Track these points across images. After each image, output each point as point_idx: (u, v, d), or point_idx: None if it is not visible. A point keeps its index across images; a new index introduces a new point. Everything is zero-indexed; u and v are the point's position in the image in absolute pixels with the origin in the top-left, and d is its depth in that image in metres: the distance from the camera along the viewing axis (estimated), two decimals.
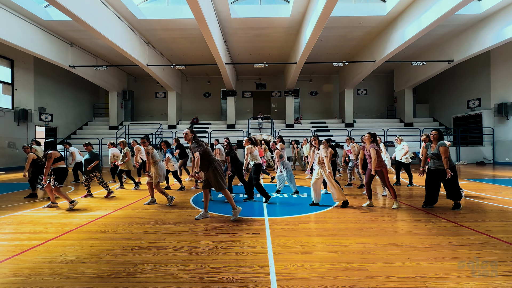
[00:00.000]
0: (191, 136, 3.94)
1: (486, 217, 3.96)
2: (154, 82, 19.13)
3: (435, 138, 4.34)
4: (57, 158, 4.71)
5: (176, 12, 11.18)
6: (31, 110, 14.15)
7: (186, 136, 3.95)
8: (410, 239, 3.07)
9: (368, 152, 4.54)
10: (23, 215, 4.29)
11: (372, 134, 4.54)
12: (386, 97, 20.24)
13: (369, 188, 4.66)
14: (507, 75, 13.28)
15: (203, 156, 3.79)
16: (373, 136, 4.53)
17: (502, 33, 10.44)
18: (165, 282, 2.15)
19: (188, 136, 3.94)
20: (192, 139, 3.92)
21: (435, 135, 4.34)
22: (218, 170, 3.89)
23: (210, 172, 3.86)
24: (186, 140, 3.96)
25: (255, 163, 5.16)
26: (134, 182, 6.82)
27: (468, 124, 15.41)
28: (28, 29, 10.91)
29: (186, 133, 3.95)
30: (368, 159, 4.58)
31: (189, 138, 3.94)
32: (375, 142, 4.52)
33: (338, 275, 2.23)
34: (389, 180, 4.52)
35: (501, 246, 2.83)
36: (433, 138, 4.37)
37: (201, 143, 3.91)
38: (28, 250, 2.83)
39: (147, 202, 5.02)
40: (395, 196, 4.49)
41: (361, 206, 4.66)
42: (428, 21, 9.37)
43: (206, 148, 3.87)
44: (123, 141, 6.73)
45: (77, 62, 13.83)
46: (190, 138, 3.94)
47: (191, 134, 3.95)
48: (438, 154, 4.25)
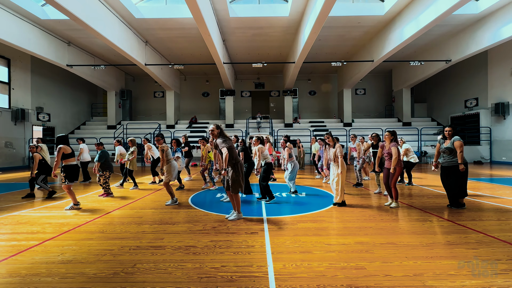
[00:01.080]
0: (217, 132, 3.83)
1: (483, 216, 3.99)
2: (153, 82, 19.08)
3: (450, 134, 4.38)
4: (68, 154, 4.63)
5: (175, 11, 11.14)
6: (28, 109, 14.06)
7: (212, 132, 3.82)
8: (408, 238, 3.09)
9: (387, 150, 4.52)
10: (20, 215, 4.27)
11: (392, 132, 4.55)
12: (384, 97, 20.31)
13: (389, 187, 4.61)
14: (504, 75, 13.36)
15: (229, 153, 3.70)
16: (393, 134, 4.53)
17: (499, 33, 10.49)
18: (164, 282, 2.15)
19: (215, 132, 3.82)
20: (219, 135, 3.82)
21: (450, 131, 4.38)
22: (241, 172, 3.79)
23: (232, 172, 3.74)
24: (213, 136, 3.84)
25: (266, 162, 5.12)
26: (134, 182, 6.83)
27: (466, 123, 15.50)
28: (25, 28, 10.84)
29: (212, 129, 3.82)
30: (387, 157, 4.57)
31: (215, 134, 3.83)
32: (395, 140, 4.52)
33: (336, 274, 2.24)
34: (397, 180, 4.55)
35: (498, 245, 2.85)
36: (448, 134, 4.41)
37: (228, 139, 3.82)
38: (25, 251, 2.82)
39: (168, 202, 4.88)
40: (396, 197, 4.51)
41: (360, 205, 4.68)
42: (426, 21, 9.40)
43: (232, 145, 3.79)
44: (132, 140, 6.73)
45: (74, 61, 13.76)
46: (216, 134, 3.83)
47: (217, 130, 3.82)
48: (451, 149, 4.28)
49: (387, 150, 4.55)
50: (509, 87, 13.12)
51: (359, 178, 6.65)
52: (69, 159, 4.66)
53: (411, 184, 6.76)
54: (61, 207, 4.82)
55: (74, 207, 4.59)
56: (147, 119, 19.86)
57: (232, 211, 3.98)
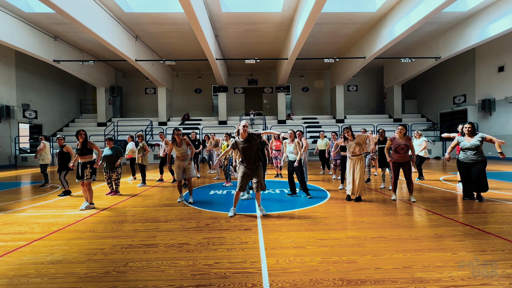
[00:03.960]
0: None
1: (470, 209, 4.12)
2: (144, 78, 18.72)
3: (470, 131, 4.45)
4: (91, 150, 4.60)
5: (165, 5, 10.90)
6: (14, 106, 13.59)
7: (244, 129, 3.84)
8: (398, 231, 3.16)
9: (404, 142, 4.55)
10: (7, 216, 4.15)
11: (404, 125, 4.63)
12: (376, 93, 20.57)
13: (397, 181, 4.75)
14: (491, 72, 13.72)
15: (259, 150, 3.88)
16: (405, 128, 4.64)
17: (487, 30, 10.74)
18: (156, 280, 2.13)
19: (247, 128, 3.90)
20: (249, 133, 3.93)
21: (470, 128, 4.45)
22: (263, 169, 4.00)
23: (259, 170, 3.90)
24: (244, 132, 3.85)
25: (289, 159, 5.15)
26: (144, 179, 6.85)
27: (454, 119, 15.87)
28: (8, 21, 10.41)
29: (245, 125, 3.86)
30: (402, 150, 4.58)
31: (247, 130, 3.90)
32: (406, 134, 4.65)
33: (329, 268, 2.28)
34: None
35: (483, 237, 2.95)
36: (467, 131, 4.48)
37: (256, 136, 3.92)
38: (12, 251, 2.74)
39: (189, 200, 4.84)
40: (395, 189, 4.72)
41: (352, 199, 4.75)
42: (417, 18, 9.52)
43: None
44: (141, 135, 6.82)
45: (62, 56, 13.34)
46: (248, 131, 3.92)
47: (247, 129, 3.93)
48: (478, 146, 4.36)
49: (403, 142, 4.56)
50: (495, 84, 13.49)
51: (368, 173, 6.79)
52: (90, 155, 4.60)
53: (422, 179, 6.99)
54: (50, 206, 4.72)
55: (90, 207, 4.49)
56: (139, 116, 19.53)
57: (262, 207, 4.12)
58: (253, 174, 3.90)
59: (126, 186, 6.65)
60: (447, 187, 6.00)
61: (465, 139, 4.54)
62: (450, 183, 6.46)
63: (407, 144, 4.57)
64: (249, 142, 3.84)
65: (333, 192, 5.54)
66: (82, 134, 4.51)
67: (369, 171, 6.80)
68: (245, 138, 3.87)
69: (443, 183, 6.49)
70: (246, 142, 3.85)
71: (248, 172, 3.89)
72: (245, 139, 3.86)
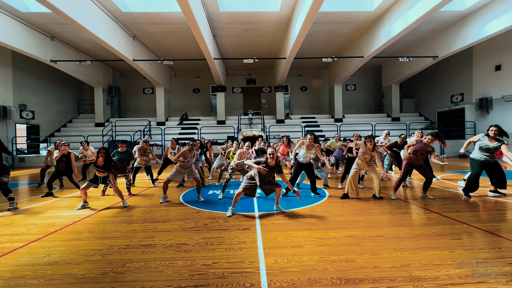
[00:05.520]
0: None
1: (468, 207, 4.14)
2: (142, 78, 18.66)
3: (496, 134, 4.52)
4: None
5: (163, 5, 10.86)
6: (11, 107, 13.51)
7: (272, 156, 3.88)
8: (396, 230, 3.17)
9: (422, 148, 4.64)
10: (3, 217, 4.12)
11: (437, 134, 4.66)
12: (374, 92, 20.61)
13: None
14: (488, 71, 13.79)
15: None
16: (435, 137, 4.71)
17: (484, 29, 10.79)
18: (154, 281, 2.13)
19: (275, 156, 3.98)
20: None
21: (496, 131, 4.52)
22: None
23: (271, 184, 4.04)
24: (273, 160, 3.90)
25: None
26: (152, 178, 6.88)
27: (452, 118, 15.95)
28: (4, 21, 10.34)
29: (272, 152, 3.88)
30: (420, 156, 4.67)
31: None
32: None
33: (327, 268, 2.28)
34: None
35: (481, 235, 2.96)
36: (494, 134, 4.54)
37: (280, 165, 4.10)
38: (9, 253, 2.72)
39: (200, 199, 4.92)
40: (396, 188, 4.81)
41: (350, 198, 4.76)
42: (414, 17, 9.54)
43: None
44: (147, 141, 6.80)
45: (59, 56, 13.27)
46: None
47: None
48: (497, 149, 4.50)
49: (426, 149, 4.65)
50: (492, 82, 13.56)
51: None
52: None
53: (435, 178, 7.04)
54: (47, 207, 4.69)
55: (127, 206, 4.61)
56: (137, 116, 19.46)
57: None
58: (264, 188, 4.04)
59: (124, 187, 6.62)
60: (445, 185, 6.03)
61: (491, 141, 4.55)
62: (448, 182, 6.49)
63: (429, 152, 4.67)
64: (273, 170, 3.92)
65: (332, 191, 5.55)
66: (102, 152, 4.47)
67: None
68: (272, 165, 3.91)
69: (441, 182, 6.51)
70: (271, 170, 3.91)
71: (255, 187, 3.99)
72: (272, 166, 3.91)
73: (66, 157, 5.70)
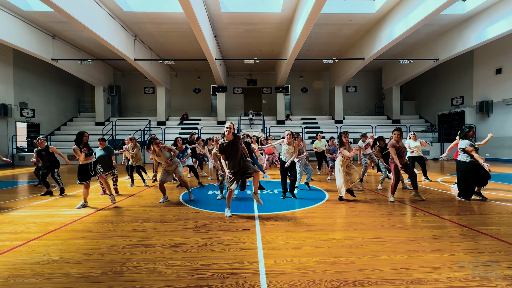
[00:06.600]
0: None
1: (467, 210, 4.13)
2: (143, 77, 18.65)
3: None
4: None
5: (165, 5, 10.88)
6: (11, 105, 13.51)
7: (229, 130, 3.91)
8: (395, 232, 3.16)
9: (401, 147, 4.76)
10: (3, 215, 4.12)
11: (399, 129, 4.80)
12: (375, 94, 20.62)
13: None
14: (488, 74, 13.79)
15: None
16: (401, 132, 4.84)
17: (485, 33, 10.80)
18: (153, 281, 2.12)
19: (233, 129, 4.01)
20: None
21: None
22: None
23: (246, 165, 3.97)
24: (230, 134, 3.90)
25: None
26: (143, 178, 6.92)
27: (452, 121, 15.94)
28: (6, 20, 10.34)
29: (229, 126, 3.94)
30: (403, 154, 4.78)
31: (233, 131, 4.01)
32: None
33: (326, 269, 2.27)
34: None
35: (480, 238, 2.96)
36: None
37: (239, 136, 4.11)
38: (8, 251, 2.72)
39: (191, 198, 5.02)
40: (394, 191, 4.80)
41: (350, 200, 4.76)
42: (415, 20, 9.56)
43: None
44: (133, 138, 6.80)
45: (60, 55, 13.27)
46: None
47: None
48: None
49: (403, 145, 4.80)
50: (493, 86, 13.57)
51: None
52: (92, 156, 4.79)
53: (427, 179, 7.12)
54: (46, 205, 4.69)
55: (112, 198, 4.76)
56: (137, 116, 19.45)
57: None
58: (242, 173, 3.91)
59: (123, 186, 6.62)
60: (445, 188, 6.03)
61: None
62: (447, 184, 6.48)
63: (401, 148, 4.78)
64: (234, 143, 3.86)
65: (332, 193, 5.54)
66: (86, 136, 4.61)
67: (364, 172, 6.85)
68: (231, 139, 3.88)
69: (441, 184, 6.51)
70: (232, 143, 3.86)
71: (235, 176, 3.91)
72: (232, 140, 3.88)
73: (45, 151, 5.68)
